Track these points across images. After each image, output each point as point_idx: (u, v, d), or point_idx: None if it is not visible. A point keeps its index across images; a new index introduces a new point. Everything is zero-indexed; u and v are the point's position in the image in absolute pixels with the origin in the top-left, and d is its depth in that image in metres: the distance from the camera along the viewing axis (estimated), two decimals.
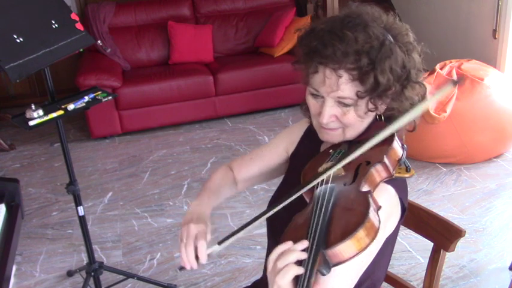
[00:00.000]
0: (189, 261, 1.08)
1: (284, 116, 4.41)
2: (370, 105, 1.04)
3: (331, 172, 0.98)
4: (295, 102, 4.36)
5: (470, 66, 3.41)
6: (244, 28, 4.80)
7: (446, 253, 1.34)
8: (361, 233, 0.84)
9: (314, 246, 0.86)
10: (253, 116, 4.44)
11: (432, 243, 1.37)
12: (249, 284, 1.48)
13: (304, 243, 0.87)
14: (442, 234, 1.33)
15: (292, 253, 0.86)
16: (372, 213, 0.87)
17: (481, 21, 3.91)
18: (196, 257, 1.08)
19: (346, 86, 1.02)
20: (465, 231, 1.29)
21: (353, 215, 0.88)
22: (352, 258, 0.85)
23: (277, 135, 1.40)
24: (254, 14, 4.85)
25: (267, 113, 4.47)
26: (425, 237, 1.39)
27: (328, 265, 0.86)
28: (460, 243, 1.40)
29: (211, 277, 2.48)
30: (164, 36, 4.60)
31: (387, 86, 1.02)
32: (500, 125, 3.22)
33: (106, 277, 2.43)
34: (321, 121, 1.08)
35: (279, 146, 1.36)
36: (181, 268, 1.09)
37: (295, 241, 0.89)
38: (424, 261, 2.44)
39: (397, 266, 2.44)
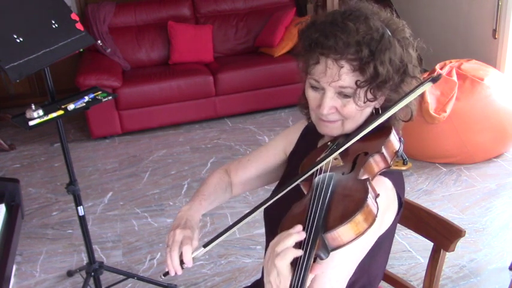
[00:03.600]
0: (174, 267, 1.10)
1: (284, 116, 4.41)
2: (369, 95, 1.05)
3: (329, 159, 1.00)
4: (295, 102, 4.31)
5: (470, 66, 3.41)
6: (244, 28, 4.80)
7: (446, 253, 1.34)
8: (359, 218, 0.86)
9: (313, 230, 0.87)
10: (253, 116, 4.44)
11: (432, 243, 1.37)
12: (249, 284, 1.48)
13: (298, 227, 0.89)
14: (442, 234, 1.33)
15: (290, 237, 0.88)
16: (370, 200, 0.88)
17: (481, 21, 3.92)
18: (182, 262, 1.10)
19: (347, 76, 1.03)
20: (465, 231, 1.29)
21: (352, 201, 0.90)
22: (351, 243, 0.87)
23: (275, 137, 1.40)
24: (254, 14, 4.85)
25: (267, 113, 4.47)
26: (425, 237, 1.39)
27: (327, 249, 0.88)
28: (460, 243, 1.40)
29: (211, 277, 2.48)
30: (164, 36, 4.60)
31: (387, 77, 1.04)
32: (500, 125, 3.22)
33: (106, 277, 2.43)
34: (321, 112, 1.08)
35: (277, 146, 1.37)
36: (166, 274, 1.12)
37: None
38: (424, 261, 2.44)
39: (397, 266, 2.44)
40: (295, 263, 0.86)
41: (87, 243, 2.19)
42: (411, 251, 2.54)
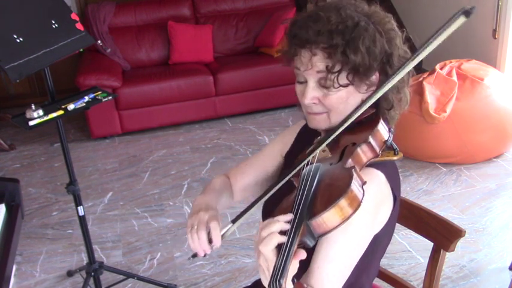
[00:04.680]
0: (202, 246, 1.06)
1: (284, 116, 4.41)
2: (344, 81, 1.06)
3: (317, 151, 1.02)
4: (295, 102, 4.29)
5: (470, 66, 3.41)
6: (244, 28, 4.80)
7: (446, 253, 1.34)
8: (343, 202, 0.87)
9: (297, 217, 0.89)
10: (253, 116, 4.44)
11: (432, 243, 1.37)
12: (249, 284, 1.48)
13: (288, 215, 0.91)
14: (442, 234, 1.33)
15: (276, 223, 0.90)
16: (354, 185, 0.89)
17: (481, 21, 3.91)
18: (209, 241, 1.07)
19: (321, 63, 1.06)
20: (465, 231, 1.29)
21: (336, 187, 0.91)
22: (337, 228, 0.88)
23: (272, 141, 1.41)
24: (254, 14, 4.85)
25: (267, 113, 4.47)
26: (425, 237, 1.39)
27: (313, 236, 0.89)
28: (460, 243, 1.40)
29: (211, 277, 2.48)
30: (164, 36, 4.60)
31: (362, 63, 1.04)
32: (501, 125, 3.22)
33: (106, 277, 2.43)
34: (303, 102, 1.11)
35: (273, 150, 1.37)
36: (194, 255, 1.08)
37: None
38: (424, 261, 2.44)
39: (397, 266, 2.44)
40: (279, 248, 0.87)
41: (87, 243, 2.19)
42: (411, 251, 2.54)
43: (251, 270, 2.51)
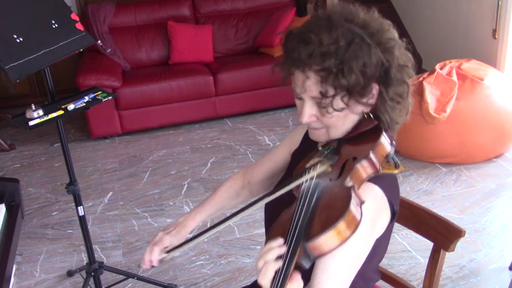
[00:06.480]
0: (144, 261, 1.27)
1: (284, 116, 4.41)
2: (341, 104, 1.03)
3: (314, 174, 1.01)
4: (294, 103, 4.31)
5: (470, 66, 3.41)
6: (244, 28, 4.80)
7: (446, 253, 1.34)
8: (341, 225, 0.85)
9: (294, 240, 0.88)
10: (253, 116, 4.44)
11: (432, 243, 1.37)
12: (249, 284, 1.48)
13: (280, 241, 0.91)
14: (442, 234, 1.33)
15: (271, 251, 0.89)
16: (353, 206, 0.88)
17: (481, 21, 3.92)
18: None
19: (314, 87, 1.02)
20: (465, 231, 1.29)
21: (335, 209, 0.89)
22: (333, 251, 0.87)
23: (285, 138, 1.43)
24: (254, 14, 4.85)
25: (267, 113, 4.47)
26: (425, 237, 1.39)
27: (309, 258, 0.88)
28: (460, 243, 1.40)
29: (211, 277, 2.48)
30: (164, 36, 4.60)
31: (358, 85, 1.00)
32: (500, 125, 3.22)
33: (106, 277, 2.43)
34: (301, 120, 1.10)
35: (284, 148, 1.39)
36: (139, 265, 1.22)
37: (281, 236, 0.92)
38: (424, 261, 2.44)
39: (397, 266, 2.44)
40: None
41: (87, 243, 2.19)
42: (411, 251, 2.54)
43: (251, 270, 2.51)
